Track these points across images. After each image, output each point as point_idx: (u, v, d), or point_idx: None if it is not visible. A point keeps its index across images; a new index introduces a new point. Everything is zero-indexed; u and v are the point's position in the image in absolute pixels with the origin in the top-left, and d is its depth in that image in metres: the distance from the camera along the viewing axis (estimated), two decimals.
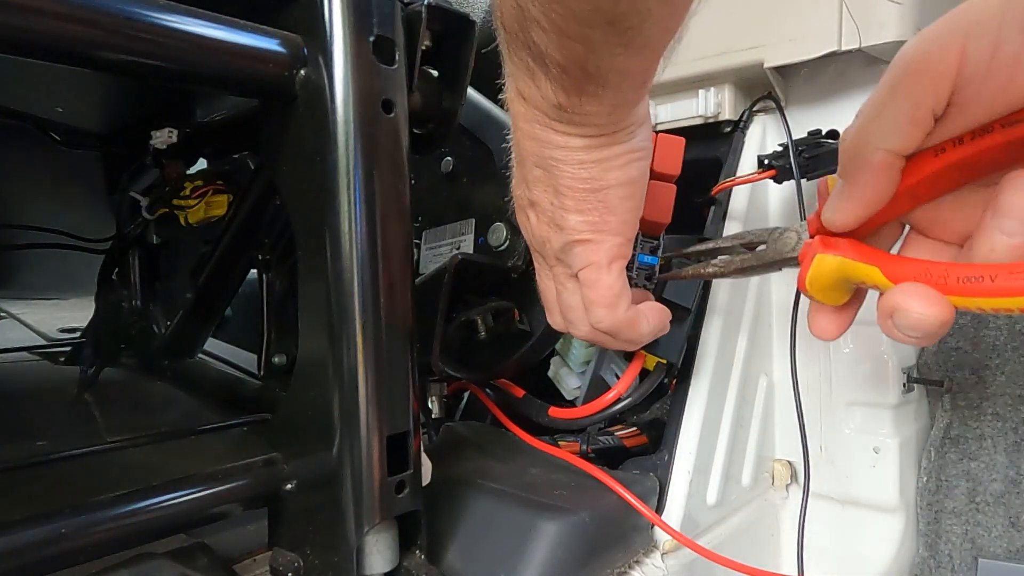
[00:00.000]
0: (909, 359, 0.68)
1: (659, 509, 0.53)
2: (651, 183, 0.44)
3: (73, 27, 0.30)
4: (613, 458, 0.57)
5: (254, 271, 0.69)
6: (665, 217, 0.47)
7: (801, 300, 0.59)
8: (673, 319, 0.48)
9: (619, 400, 0.54)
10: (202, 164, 0.74)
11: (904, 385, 0.66)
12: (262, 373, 0.67)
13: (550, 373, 0.64)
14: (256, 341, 0.68)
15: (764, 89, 0.65)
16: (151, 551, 0.36)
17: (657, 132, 0.45)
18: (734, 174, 0.63)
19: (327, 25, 0.36)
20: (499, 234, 0.55)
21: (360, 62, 0.37)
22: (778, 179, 0.59)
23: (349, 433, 0.37)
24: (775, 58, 0.61)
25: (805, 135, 0.59)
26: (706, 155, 0.66)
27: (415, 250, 0.65)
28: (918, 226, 0.34)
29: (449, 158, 0.62)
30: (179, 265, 0.77)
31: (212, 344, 0.81)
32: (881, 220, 0.33)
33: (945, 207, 0.32)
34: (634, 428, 0.60)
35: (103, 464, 0.46)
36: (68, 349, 0.89)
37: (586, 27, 0.29)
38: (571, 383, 0.61)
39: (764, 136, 0.66)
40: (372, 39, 0.37)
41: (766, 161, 0.59)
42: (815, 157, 0.57)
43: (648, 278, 0.51)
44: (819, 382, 0.66)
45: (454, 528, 0.46)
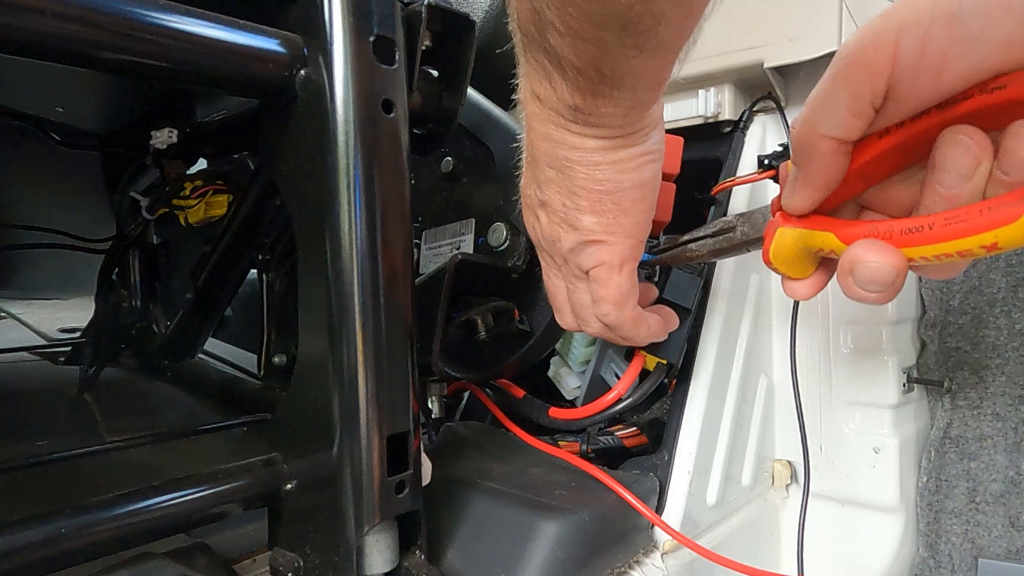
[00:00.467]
0: (909, 359, 0.68)
1: (659, 509, 0.53)
2: None
3: (73, 27, 0.30)
4: (613, 458, 0.57)
5: (254, 271, 0.69)
6: (665, 216, 0.47)
7: (801, 301, 0.59)
8: None
9: (619, 401, 0.54)
10: (202, 164, 0.74)
11: (904, 385, 0.66)
12: (262, 373, 0.67)
13: (550, 373, 0.64)
14: (256, 341, 0.68)
15: (764, 89, 0.65)
16: (151, 551, 0.36)
17: None
18: (734, 174, 0.63)
19: (327, 25, 0.36)
20: (499, 234, 0.55)
21: (360, 62, 0.37)
22: (778, 179, 0.59)
23: (349, 433, 0.37)
24: (775, 58, 0.62)
25: None
26: (706, 155, 0.66)
27: (415, 250, 0.65)
28: (871, 205, 0.35)
29: (449, 158, 0.62)
30: (179, 265, 0.77)
31: (212, 344, 0.82)
32: (837, 201, 0.35)
33: (895, 186, 0.34)
34: (634, 428, 0.60)
35: (103, 464, 0.46)
36: (68, 349, 0.89)
37: (600, 30, 0.29)
38: (571, 383, 0.61)
39: (764, 136, 0.66)
40: (372, 39, 0.37)
41: (766, 161, 0.59)
42: None
43: (649, 277, 0.51)
44: (819, 382, 0.66)
45: (454, 528, 0.46)
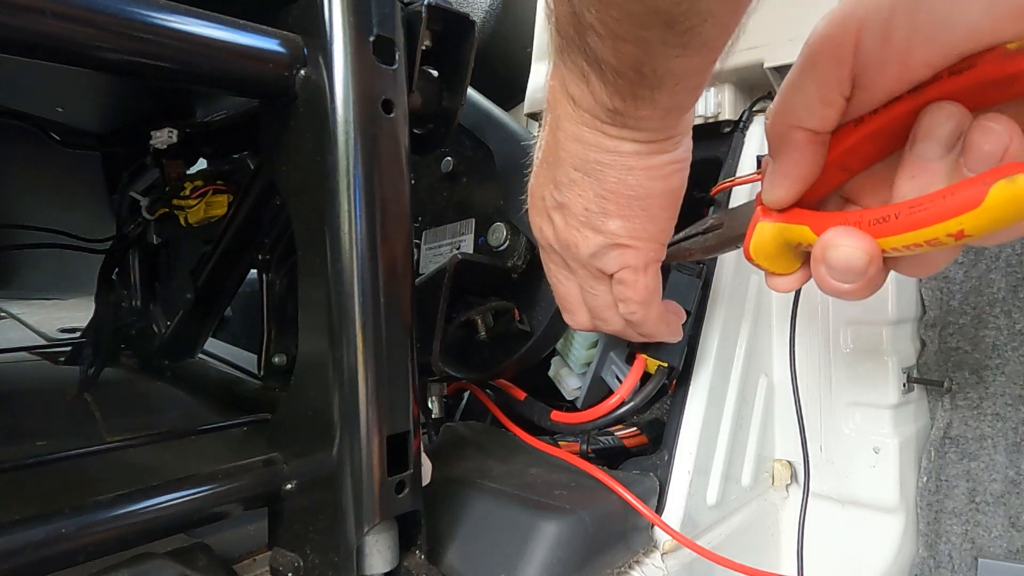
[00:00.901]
0: (909, 359, 0.68)
1: (659, 509, 0.53)
2: None
3: (73, 27, 0.30)
4: (613, 458, 0.57)
5: (254, 271, 0.69)
6: None
7: (800, 300, 0.59)
8: None
9: (622, 405, 0.54)
10: (202, 164, 0.74)
11: (904, 385, 0.66)
12: (262, 373, 0.67)
13: (551, 373, 0.64)
14: (256, 341, 0.68)
15: (764, 89, 0.65)
16: (151, 551, 0.36)
17: None
18: (734, 174, 0.63)
19: (327, 25, 0.36)
20: (499, 234, 0.55)
21: (360, 62, 0.37)
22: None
23: (349, 433, 0.37)
24: (775, 58, 0.62)
25: None
26: (706, 155, 0.66)
27: (415, 250, 0.65)
28: (854, 198, 0.35)
29: (449, 158, 0.62)
30: (179, 265, 0.77)
31: (212, 344, 0.82)
32: (819, 193, 0.34)
33: (875, 176, 0.33)
34: (634, 428, 0.60)
35: (103, 464, 0.46)
36: (68, 349, 0.89)
37: (643, 29, 0.29)
38: (571, 383, 0.61)
39: (764, 136, 0.66)
40: (372, 39, 0.37)
41: None
42: None
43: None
44: (819, 382, 0.66)
45: (454, 528, 0.46)
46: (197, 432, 0.52)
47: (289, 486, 0.40)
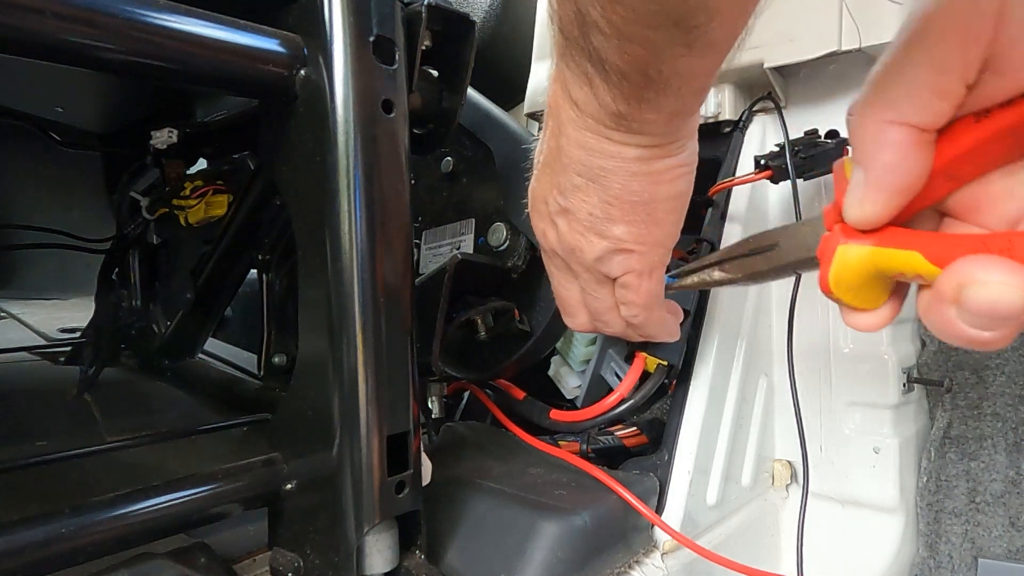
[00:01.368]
0: (909, 359, 0.68)
1: (659, 509, 0.53)
2: None
3: (73, 27, 0.30)
4: (613, 458, 0.57)
5: (254, 271, 0.69)
6: None
7: (799, 300, 0.59)
8: None
9: (621, 403, 0.54)
10: (202, 164, 0.74)
11: (904, 385, 0.66)
12: (262, 373, 0.67)
13: (550, 372, 0.64)
14: (256, 341, 0.68)
15: (764, 89, 0.65)
16: (151, 551, 0.36)
17: None
18: (732, 174, 0.63)
19: (327, 25, 0.36)
20: (499, 234, 0.55)
21: (360, 62, 0.37)
22: (774, 179, 0.59)
23: (349, 433, 0.37)
24: (775, 58, 0.62)
25: (802, 135, 0.59)
26: (706, 155, 0.66)
27: (415, 250, 0.65)
28: (957, 212, 0.27)
29: (449, 158, 0.62)
30: (179, 265, 0.77)
31: (212, 344, 0.81)
32: (914, 209, 0.26)
33: (995, 184, 0.25)
34: (634, 428, 0.60)
35: (103, 464, 0.46)
36: (68, 349, 0.89)
37: (649, 29, 0.28)
38: (571, 382, 0.61)
39: (764, 136, 0.66)
40: (372, 39, 0.37)
41: (763, 161, 0.59)
42: (811, 157, 0.57)
43: None
44: (819, 382, 0.66)
45: (454, 528, 0.46)
46: (197, 432, 0.52)
47: (289, 486, 0.40)
